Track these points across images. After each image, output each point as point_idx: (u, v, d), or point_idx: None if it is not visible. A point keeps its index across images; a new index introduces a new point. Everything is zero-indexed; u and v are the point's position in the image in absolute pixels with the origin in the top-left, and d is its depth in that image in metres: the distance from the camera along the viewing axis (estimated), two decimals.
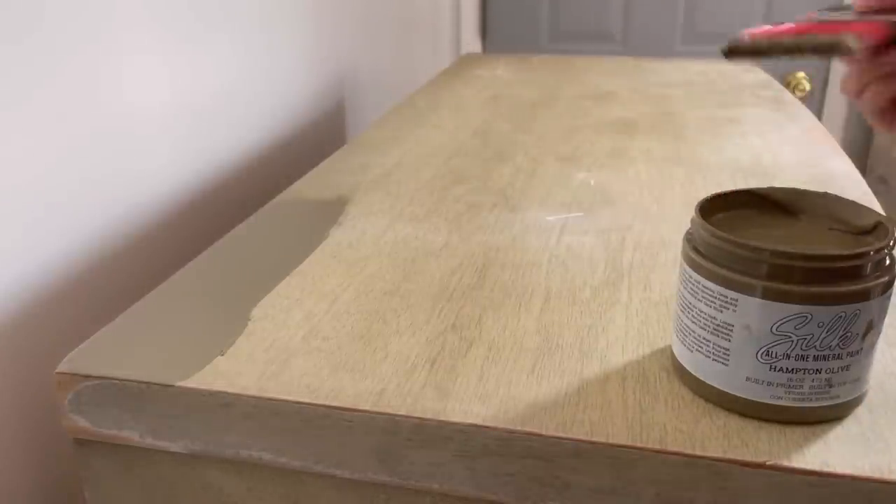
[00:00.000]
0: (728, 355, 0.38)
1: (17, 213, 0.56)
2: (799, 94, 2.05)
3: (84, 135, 0.62)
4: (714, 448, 0.37)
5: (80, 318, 0.63)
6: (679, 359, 0.42)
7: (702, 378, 0.40)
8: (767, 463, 0.36)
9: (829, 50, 0.50)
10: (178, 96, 0.75)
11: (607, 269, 0.56)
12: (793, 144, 0.87)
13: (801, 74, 2.06)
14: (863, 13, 0.52)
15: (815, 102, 2.08)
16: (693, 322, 0.40)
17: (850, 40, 0.50)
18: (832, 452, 0.37)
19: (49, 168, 0.59)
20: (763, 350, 0.37)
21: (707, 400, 0.40)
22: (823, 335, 0.36)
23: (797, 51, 0.52)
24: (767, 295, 0.36)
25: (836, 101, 2.09)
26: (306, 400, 0.41)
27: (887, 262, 0.37)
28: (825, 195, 0.42)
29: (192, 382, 0.43)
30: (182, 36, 0.75)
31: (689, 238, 0.41)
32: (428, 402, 0.41)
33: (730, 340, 0.38)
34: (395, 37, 1.48)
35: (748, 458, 0.36)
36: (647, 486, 0.38)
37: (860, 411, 0.40)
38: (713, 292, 0.38)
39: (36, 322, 0.59)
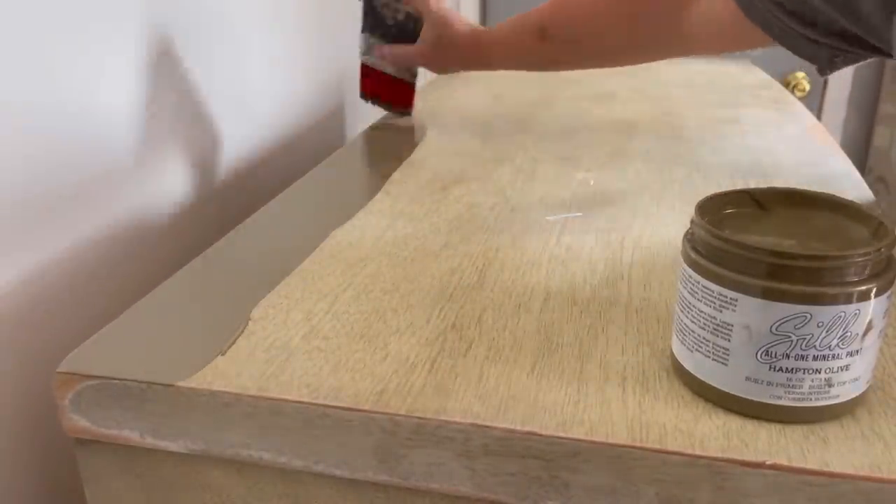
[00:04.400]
0: (728, 355, 0.38)
1: (16, 213, 0.56)
2: (799, 94, 2.05)
3: (84, 134, 0.62)
4: (714, 448, 0.37)
5: (80, 318, 0.63)
6: (679, 359, 0.42)
7: (702, 378, 0.40)
8: (767, 463, 0.36)
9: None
10: (178, 97, 0.75)
11: (607, 269, 0.56)
12: (793, 144, 0.87)
13: (800, 74, 2.06)
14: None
15: (815, 102, 2.09)
16: (693, 322, 0.40)
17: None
18: (832, 452, 0.37)
19: (49, 167, 0.59)
20: (763, 350, 0.37)
21: (707, 400, 0.40)
22: (823, 335, 0.36)
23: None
24: (767, 295, 0.36)
25: (836, 100, 2.10)
26: (306, 400, 0.41)
27: (887, 262, 0.37)
28: (825, 195, 0.42)
29: (192, 382, 0.43)
30: (182, 36, 0.75)
31: (689, 238, 0.41)
32: (428, 402, 0.41)
33: (729, 340, 0.38)
34: None
35: (748, 457, 0.36)
36: (647, 486, 0.38)
37: (860, 411, 0.40)
38: (713, 292, 0.38)
39: (36, 322, 0.59)
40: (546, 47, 0.80)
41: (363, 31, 0.94)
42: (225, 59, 0.84)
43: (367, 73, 0.97)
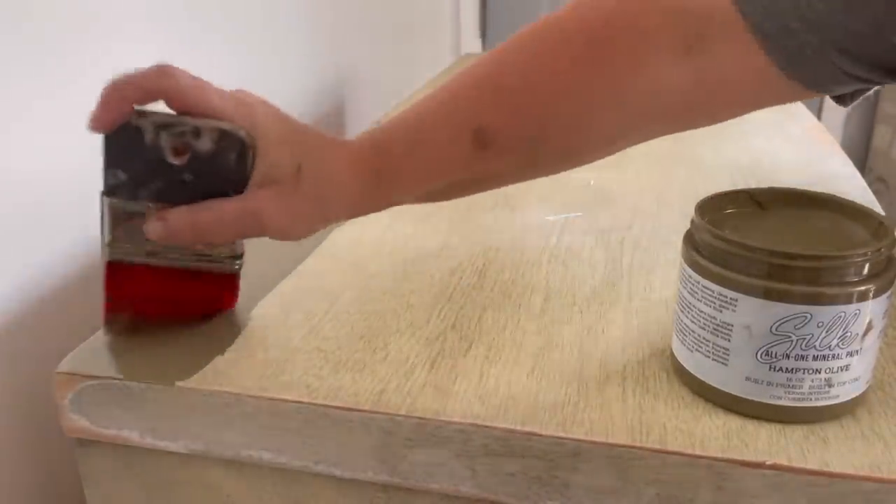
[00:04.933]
0: (728, 355, 0.38)
1: (17, 213, 0.56)
2: None
3: (84, 135, 0.62)
4: (714, 448, 0.37)
5: (81, 319, 0.63)
6: (679, 359, 0.42)
7: (702, 378, 0.40)
8: (767, 463, 0.36)
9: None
10: None
11: (607, 269, 0.56)
12: (793, 144, 0.87)
13: None
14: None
15: (815, 102, 2.08)
16: (693, 322, 0.40)
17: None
18: (832, 452, 0.37)
19: (49, 168, 0.59)
20: (763, 350, 0.37)
21: (707, 400, 0.40)
22: (823, 335, 0.36)
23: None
24: (767, 295, 0.36)
25: None
26: (306, 400, 0.41)
27: (887, 262, 0.37)
28: (825, 195, 0.42)
29: (192, 382, 0.43)
30: (181, 37, 0.75)
31: (689, 238, 0.41)
32: (428, 402, 0.41)
33: (729, 340, 0.38)
34: (395, 37, 1.48)
35: (748, 458, 0.36)
36: (647, 486, 0.38)
37: (860, 411, 0.40)
38: (713, 292, 0.38)
39: (36, 322, 0.59)
40: (486, 159, 0.47)
41: (106, 193, 0.44)
42: (223, 58, 0.84)
43: (123, 276, 0.45)
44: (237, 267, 0.47)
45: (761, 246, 0.36)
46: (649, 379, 0.42)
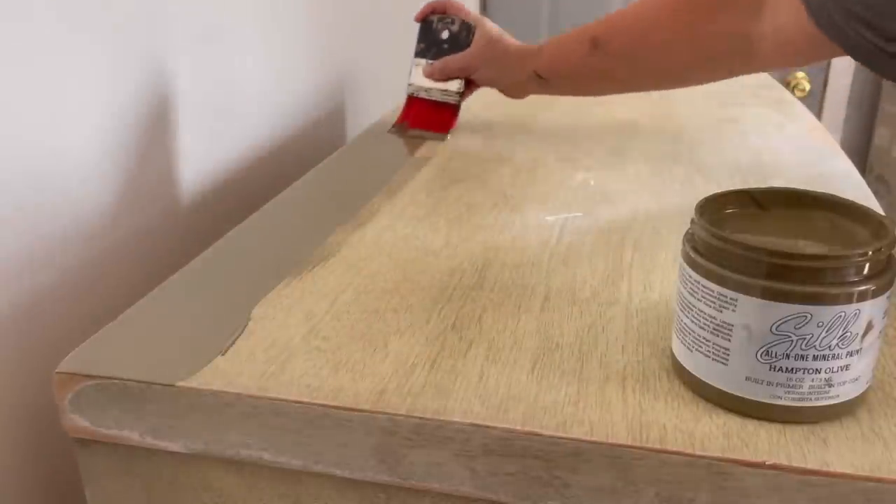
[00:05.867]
0: (728, 355, 0.38)
1: (16, 212, 0.56)
2: (799, 94, 2.05)
3: (83, 135, 0.62)
4: (714, 448, 0.37)
5: (80, 318, 0.63)
6: (679, 359, 0.42)
7: (702, 378, 0.40)
8: (767, 463, 0.36)
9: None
10: (178, 97, 0.75)
11: (607, 269, 0.56)
12: (793, 144, 0.87)
13: (800, 74, 2.06)
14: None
15: (815, 102, 2.09)
16: (693, 322, 0.40)
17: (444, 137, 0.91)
18: (832, 452, 0.37)
19: (48, 168, 0.59)
20: (763, 350, 0.37)
21: (707, 400, 0.40)
22: (823, 335, 0.36)
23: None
24: (767, 295, 0.36)
25: (836, 101, 2.10)
26: (306, 400, 0.41)
27: (887, 262, 0.37)
28: (825, 195, 0.42)
29: (192, 382, 0.43)
30: (181, 37, 0.75)
31: (689, 238, 0.41)
32: (428, 402, 0.41)
33: (729, 340, 0.38)
34: (395, 37, 1.48)
35: (748, 457, 0.36)
36: (647, 486, 0.38)
37: (860, 411, 0.40)
38: (713, 292, 0.38)
39: (36, 322, 0.59)
40: (597, 59, 0.76)
41: (416, 55, 0.93)
42: (224, 58, 0.84)
43: (410, 104, 0.95)
44: (459, 99, 0.93)
45: (761, 246, 0.36)
46: (649, 379, 0.42)
